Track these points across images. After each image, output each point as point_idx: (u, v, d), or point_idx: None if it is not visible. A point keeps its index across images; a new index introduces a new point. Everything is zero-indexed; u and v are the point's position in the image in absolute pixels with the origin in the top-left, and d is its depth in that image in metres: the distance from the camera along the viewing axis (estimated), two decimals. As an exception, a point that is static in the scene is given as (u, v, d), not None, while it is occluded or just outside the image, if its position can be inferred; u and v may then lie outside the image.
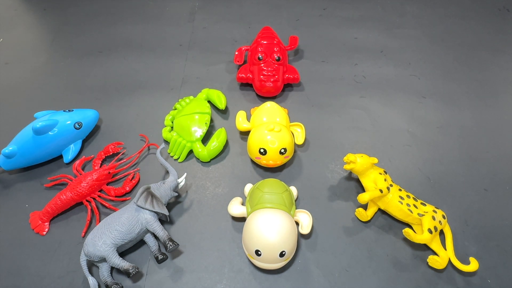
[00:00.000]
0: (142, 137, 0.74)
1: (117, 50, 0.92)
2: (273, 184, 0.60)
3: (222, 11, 1.02)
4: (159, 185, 0.61)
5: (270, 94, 0.79)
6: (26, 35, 0.99)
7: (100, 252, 0.54)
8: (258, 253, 0.53)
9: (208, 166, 0.70)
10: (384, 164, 0.69)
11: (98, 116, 0.75)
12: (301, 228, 0.58)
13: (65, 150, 0.70)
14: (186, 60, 0.89)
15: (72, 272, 0.58)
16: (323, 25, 0.97)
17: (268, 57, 0.79)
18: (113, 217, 0.57)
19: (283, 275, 0.57)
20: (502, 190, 0.66)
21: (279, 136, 0.63)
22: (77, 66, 0.89)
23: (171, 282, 0.57)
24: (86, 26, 0.99)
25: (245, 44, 0.89)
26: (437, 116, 0.77)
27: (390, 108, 0.78)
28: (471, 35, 0.94)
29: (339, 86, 0.83)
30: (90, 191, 0.64)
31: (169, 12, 1.02)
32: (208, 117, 0.73)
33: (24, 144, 0.66)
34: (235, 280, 0.57)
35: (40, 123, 0.66)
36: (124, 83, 0.85)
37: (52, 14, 1.04)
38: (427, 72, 0.85)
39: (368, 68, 0.87)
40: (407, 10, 1.01)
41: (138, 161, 0.71)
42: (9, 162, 0.67)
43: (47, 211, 0.62)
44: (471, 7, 1.01)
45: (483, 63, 0.87)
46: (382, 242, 0.60)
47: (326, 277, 0.57)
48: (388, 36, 0.94)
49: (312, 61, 0.88)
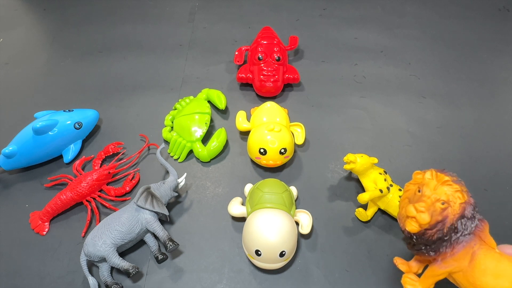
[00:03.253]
0: (142, 137, 0.74)
1: (117, 50, 0.92)
2: (273, 184, 0.60)
3: (222, 11, 1.02)
4: (159, 185, 0.61)
5: (270, 94, 0.79)
6: (26, 35, 0.99)
7: (100, 252, 0.54)
8: (258, 253, 0.53)
9: (208, 166, 0.70)
10: (384, 164, 0.69)
11: (98, 116, 0.75)
12: (301, 228, 0.58)
13: (65, 150, 0.70)
14: (186, 60, 0.89)
15: (72, 272, 0.58)
16: (323, 25, 0.97)
17: (268, 57, 0.79)
18: (113, 217, 0.57)
19: (283, 275, 0.57)
20: (502, 190, 0.66)
21: (279, 136, 0.63)
22: (77, 66, 0.89)
23: (171, 282, 0.57)
24: (86, 26, 0.99)
25: (245, 44, 0.89)
26: (437, 116, 0.77)
27: (390, 108, 0.78)
28: (471, 35, 0.94)
29: (339, 86, 0.83)
30: (90, 191, 0.64)
31: (169, 12, 1.02)
32: (208, 117, 0.73)
33: (24, 144, 0.66)
34: (235, 280, 0.57)
35: (40, 123, 0.66)
36: (124, 83, 0.85)
37: (52, 14, 1.04)
38: (427, 72, 0.85)
39: (368, 68, 0.87)
40: (407, 10, 1.01)
41: (138, 161, 0.71)
42: (9, 162, 0.67)
43: (47, 211, 0.62)
44: (471, 7, 1.01)
45: (483, 63, 0.87)
46: (382, 242, 0.60)
47: (326, 277, 0.57)
48: (388, 36, 0.94)
49: (312, 61, 0.89)
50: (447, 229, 0.37)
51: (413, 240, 0.39)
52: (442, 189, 0.38)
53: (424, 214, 0.36)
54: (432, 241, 0.38)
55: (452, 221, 0.37)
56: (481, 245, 0.38)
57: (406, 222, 0.38)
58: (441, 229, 0.37)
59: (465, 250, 0.38)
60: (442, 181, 0.39)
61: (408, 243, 0.42)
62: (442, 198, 0.37)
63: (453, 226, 0.37)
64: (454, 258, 0.38)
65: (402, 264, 0.46)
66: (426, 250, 0.39)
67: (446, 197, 0.37)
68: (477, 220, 0.38)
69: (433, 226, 0.37)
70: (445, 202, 0.37)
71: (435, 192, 0.38)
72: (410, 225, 0.37)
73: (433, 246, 0.38)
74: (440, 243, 0.38)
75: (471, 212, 0.38)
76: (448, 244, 0.37)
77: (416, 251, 0.41)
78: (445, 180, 0.39)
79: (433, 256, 0.39)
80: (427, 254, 0.39)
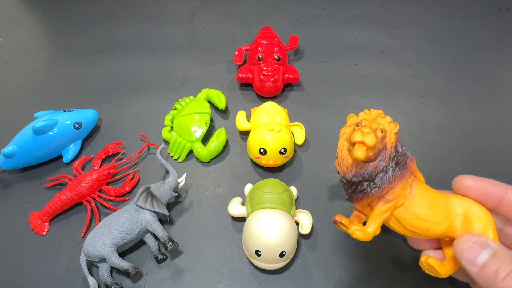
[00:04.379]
0: (142, 137, 0.74)
1: (117, 50, 0.92)
2: (273, 184, 0.60)
3: (222, 11, 1.02)
4: (159, 185, 0.61)
5: (270, 94, 0.79)
6: (26, 35, 0.99)
7: (100, 252, 0.54)
8: (258, 253, 0.53)
9: (208, 166, 0.70)
10: (384, 164, 0.69)
11: (98, 116, 0.75)
12: (301, 228, 0.58)
13: (64, 150, 0.70)
14: (186, 60, 0.89)
15: (72, 272, 0.58)
16: (323, 25, 0.97)
17: (268, 57, 0.79)
18: (113, 217, 0.57)
19: (283, 275, 0.57)
20: (502, 190, 0.66)
21: (279, 136, 0.63)
22: (77, 66, 0.89)
23: (171, 282, 0.57)
24: (86, 26, 0.99)
25: (245, 44, 0.89)
26: (437, 116, 0.77)
27: (390, 108, 0.78)
28: (471, 35, 0.94)
29: (339, 86, 0.83)
30: (90, 191, 0.64)
31: (169, 12, 1.02)
32: (208, 117, 0.73)
33: (24, 144, 0.66)
34: (235, 280, 0.57)
35: (40, 123, 0.66)
36: (124, 83, 0.85)
37: (52, 14, 1.04)
38: (427, 72, 0.85)
39: (368, 68, 0.86)
40: (407, 10, 1.01)
41: (138, 161, 0.71)
42: (8, 162, 0.67)
43: (47, 211, 0.62)
44: (471, 7, 1.01)
45: (483, 63, 0.87)
46: (382, 242, 0.60)
47: (326, 277, 0.57)
48: (388, 36, 0.94)
49: (312, 61, 0.88)
50: (387, 158, 0.38)
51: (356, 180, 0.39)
52: (378, 120, 0.40)
53: (370, 135, 0.37)
54: (375, 174, 0.38)
55: (391, 150, 0.38)
56: (415, 179, 0.40)
57: (354, 150, 0.38)
58: (382, 159, 0.38)
59: (403, 182, 0.39)
60: (376, 115, 0.41)
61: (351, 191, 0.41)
62: (380, 127, 0.39)
63: (391, 155, 0.38)
64: (394, 192, 0.39)
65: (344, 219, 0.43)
66: (370, 188, 0.39)
67: (384, 127, 0.39)
68: (408, 155, 0.40)
69: (376, 156, 0.38)
70: (384, 131, 0.39)
71: (374, 123, 0.40)
72: (358, 151, 0.37)
73: (376, 180, 0.38)
74: (383, 175, 0.38)
75: (402, 146, 0.40)
76: (388, 176, 0.38)
77: (360, 193, 0.40)
78: (379, 113, 0.41)
79: (376, 193, 0.39)
80: (371, 193, 0.39)
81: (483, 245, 0.34)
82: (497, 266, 0.33)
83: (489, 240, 0.35)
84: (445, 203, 0.40)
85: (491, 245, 0.34)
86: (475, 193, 0.39)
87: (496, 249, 0.34)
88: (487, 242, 0.35)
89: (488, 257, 0.34)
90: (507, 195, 0.38)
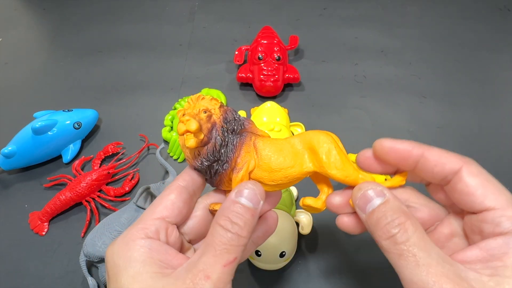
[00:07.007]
0: (142, 137, 0.74)
1: (116, 50, 0.92)
2: (273, 184, 0.60)
3: (222, 11, 1.02)
4: (159, 185, 0.61)
5: (270, 94, 0.79)
6: (26, 35, 0.99)
7: (100, 253, 0.54)
8: (258, 253, 0.53)
9: (208, 166, 0.70)
10: (385, 164, 0.68)
11: (97, 116, 0.75)
12: (301, 228, 0.58)
13: (64, 150, 0.70)
14: (186, 60, 0.89)
15: (72, 272, 0.58)
16: (323, 25, 0.97)
17: (268, 57, 0.79)
18: (112, 217, 0.57)
19: (283, 275, 0.57)
20: (503, 190, 0.66)
21: (279, 136, 0.63)
22: (77, 66, 0.89)
23: (170, 282, 0.56)
24: (86, 26, 0.99)
25: (245, 44, 0.89)
26: (437, 116, 0.77)
27: (390, 108, 0.78)
28: (471, 35, 0.94)
29: (339, 86, 0.83)
30: (90, 191, 0.64)
31: (168, 11, 1.02)
32: (208, 117, 0.72)
33: (23, 144, 0.66)
34: (235, 281, 0.56)
35: (39, 123, 0.65)
36: (124, 83, 0.85)
37: (52, 13, 1.04)
38: (427, 72, 0.85)
39: (368, 68, 0.86)
40: (407, 10, 1.01)
41: (138, 161, 0.71)
42: (8, 162, 0.67)
43: (47, 211, 0.62)
44: (471, 7, 1.01)
45: (483, 63, 0.87)
46: (382, 242, 0.60)
47: (326, 277, 0.57)
48: (389, 36, 0.94)
49: (312, 61, 0.88)
50: (221, 132, 0.39)
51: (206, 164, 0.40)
52: (199, 103, 0.41)
53: (190, 121, 0.37)
54: (218, 151, 0.39)
55: (221, 123, 0.39)
56: (257, 137, 0.41)
57: (185, 141, 0.38)
58: (217, 134, 0.39)
59: (246, 146, 0.40)
60: (197, 98, 0.41)
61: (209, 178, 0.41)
62: (202, 108, 0.39)
63: (224, 128, 0.39)
64: (242, 158, 0.40)
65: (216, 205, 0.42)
66: (220, 166, 0.40)
67: (205, 107, 0.40)
68: (242, 120, 0.41)
69: (209, 136, 0.39)
70: (207, 111, 0.39)
71: (195, 107, 0.40)
72: (189, 141, 0.37)
73: (222, 157, 0.39)
74: (225, 150, 0.39)
75: (233, 114, 0.41)
76: (230, 148, 0.39)
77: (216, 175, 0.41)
78: (198, 96, 0.41)
79: (228, 168, 0.40)
80: (223, 170, 0.40)
81: (378, 194, 0.34)
82: (382, 214, 0.33)
83: (385, 190, 0.35)
84: (290, 145, 0.41)
85: (386, 194, 0.34)
86: (394, 156, 0.38)
87: (387, 198, 0.33)
88: (383, 192, 0.34)
89: (377, 205, 0.34)
90: (422, 157, 0.37)
